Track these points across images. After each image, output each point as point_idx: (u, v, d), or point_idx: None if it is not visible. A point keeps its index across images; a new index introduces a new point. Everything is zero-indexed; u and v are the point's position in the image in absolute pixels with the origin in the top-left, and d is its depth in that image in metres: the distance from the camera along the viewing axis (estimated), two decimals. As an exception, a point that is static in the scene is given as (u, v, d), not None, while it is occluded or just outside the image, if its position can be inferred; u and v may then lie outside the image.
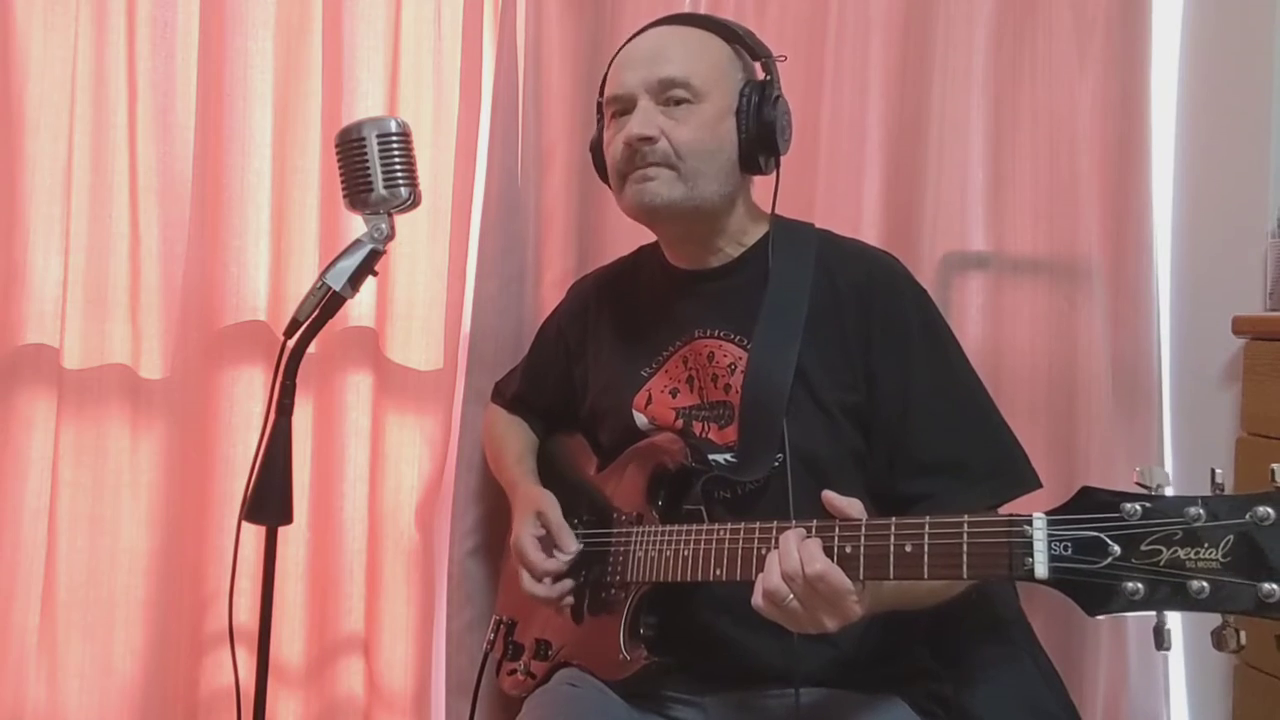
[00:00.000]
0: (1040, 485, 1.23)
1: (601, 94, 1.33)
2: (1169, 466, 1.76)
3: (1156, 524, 0.85)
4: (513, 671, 1.42)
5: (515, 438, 1.56)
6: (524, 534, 1.34)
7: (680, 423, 1.30)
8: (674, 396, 1.32)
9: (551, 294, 1.76)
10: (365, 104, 1.70)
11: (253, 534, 1.16)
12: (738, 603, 1.09)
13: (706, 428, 1.29)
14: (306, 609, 1.74)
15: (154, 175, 1.66)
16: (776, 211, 1.31)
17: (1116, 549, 0.86)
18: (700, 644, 1.24)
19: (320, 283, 1.15)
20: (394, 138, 1.16)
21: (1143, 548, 0.85)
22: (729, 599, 1.12)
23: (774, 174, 1.29)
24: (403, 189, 1.17)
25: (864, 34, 1.77)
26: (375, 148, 1.16)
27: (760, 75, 1.30)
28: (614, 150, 1.28)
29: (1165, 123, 1.82)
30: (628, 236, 1.67)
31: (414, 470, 1.74)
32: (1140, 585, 0.85)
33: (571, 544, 1.30)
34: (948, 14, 1.74)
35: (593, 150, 1.37)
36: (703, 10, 1.77)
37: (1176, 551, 0.84)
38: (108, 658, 1.66)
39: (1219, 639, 0.84)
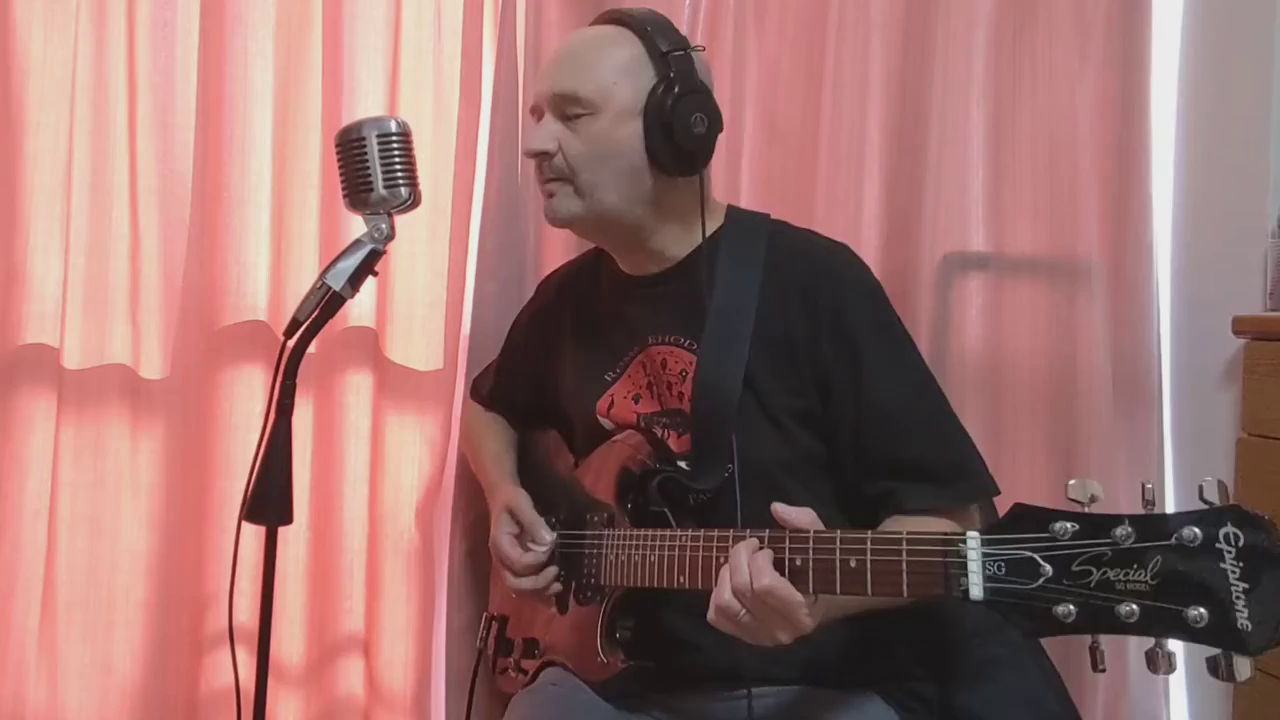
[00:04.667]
0: (998, 492, 1.21)
1: None
2: (1169, 466, 1.76)
3: (1086, 544, 0.83)
4: (505, 669, 1.43)
5: (493, 436, 1.56)
6: (499, 533, 1.35)
7: (643, 426, 1.30)
8: (636, 402, 1.32)
9: (551, 294, 1.76)
10: (365, 104, 1.70)
11: (253, 534, 1.16)
12: (708, 606, 1.10)
13: (666, 434, 1.29)
14: (306, 609, 1.73)
15: (154, 175, 1.66)
16: (757, 207, 1.31)
17: (1048, 569, 0.84)
18: (676, 646, 1.24)
19: (320, 283, 1.15)
20: (394, 138, 1.16)
21: (1073, 568, 0.84)
22: (700, 602, 1.12)
23: (699, 172, 1.24)
24: (403, 189, 1.17)
25: (864, 34, 1.77)
26: (375, 148, 1.15)
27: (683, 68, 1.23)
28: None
29: (1165, 123, 1.82)
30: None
31: (414, 470, 1.74)
32: (1072, 607, 0.83)
33: (546, 535, 1.31)
34: (948, 14, 1.74)
35: None
36: (702, 11, 1.77)
37: (1106, 573, 0.82)
38: (108, 658, 1.66)
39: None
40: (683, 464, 1.25)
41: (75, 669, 1.66)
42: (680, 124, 1.20)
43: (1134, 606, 0.81)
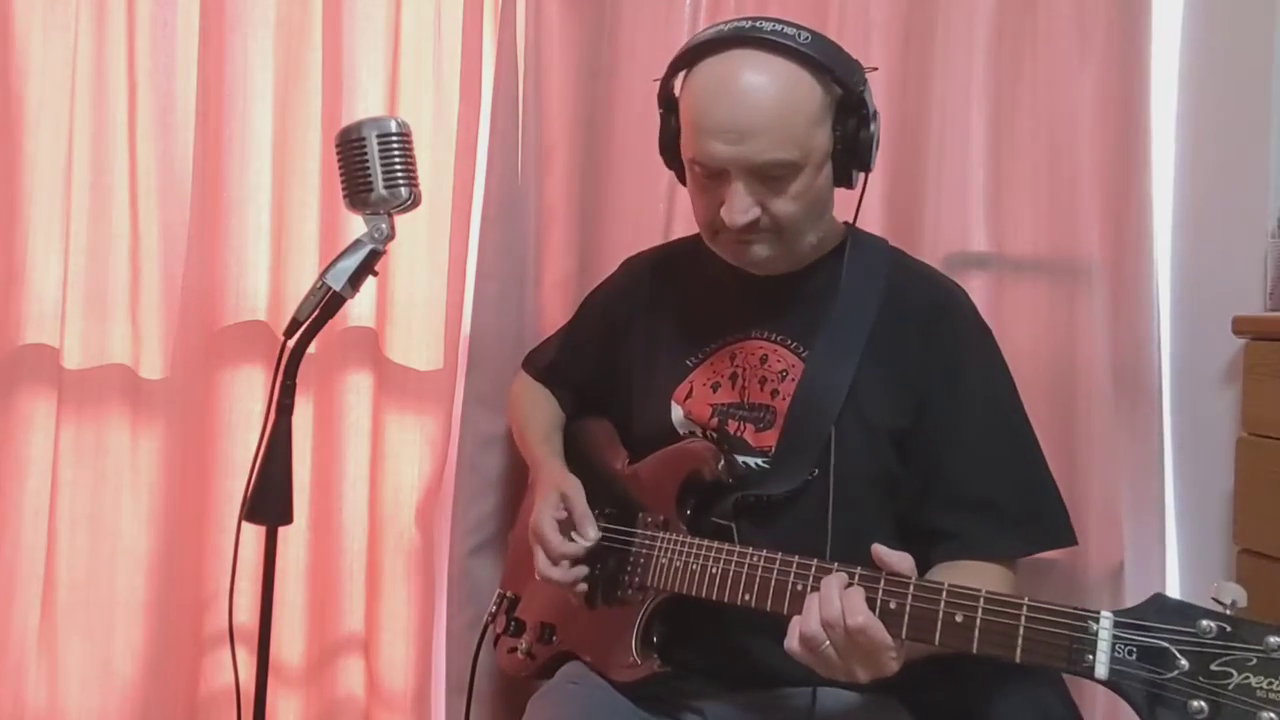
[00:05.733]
0: (1075, 542, 1.22)
1: (667, 85, 1.25)
2: (1169, 466, 1.76)
3: (1232, 646, 0.84)
4: (512, 649, 1.41)
5: (543, 412, 1.53)
6: (545, 514, 1.30)
7: (715, 420, 1.29)
8: (714, 391, 1.31)
9: (552, 295, 1.76)
10: (365, 104, 1.70)
11: (253, 534, 1.16)
12: (747, 611, 1.10)
13: (742, 428, 1.27)
14: (306, 609, 1.74)
15: (154, 175, 1.66)
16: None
17: (1184, 663, 0.85)
18: (709, 649, 1.24)
19: (320, 283, 1.16)
20: (394, 138, 1.16)
21: (1212, 667, 0.84)
22: (747, 614, 1.12)
23: (860, 185, 1.24)
24: (403, 189, 1.17)
25: (864, 34, 1.76)
26: (375, 148, 1.16)
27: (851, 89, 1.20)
28: (705, 212, 1.23)
29: (1165, 122, 1.82)
30: (630, 237, 1.68)
31: (414, 470, 1.74)
32: (1205, 705, 0.83)
33: (592, 531, 1.28)
34: (948, 14, 1.74)
35: (663, 150, 1.28)
36: (702, 10, 1.77)
37: (1248, 678, 0.83)
38: (108, 658, 1.66)
39: None
40: (760, 461, 1.25)
41: (75, 669, 1.67)
42: (865, 153, 1.20)
43: (1273, 716, 0.81)
